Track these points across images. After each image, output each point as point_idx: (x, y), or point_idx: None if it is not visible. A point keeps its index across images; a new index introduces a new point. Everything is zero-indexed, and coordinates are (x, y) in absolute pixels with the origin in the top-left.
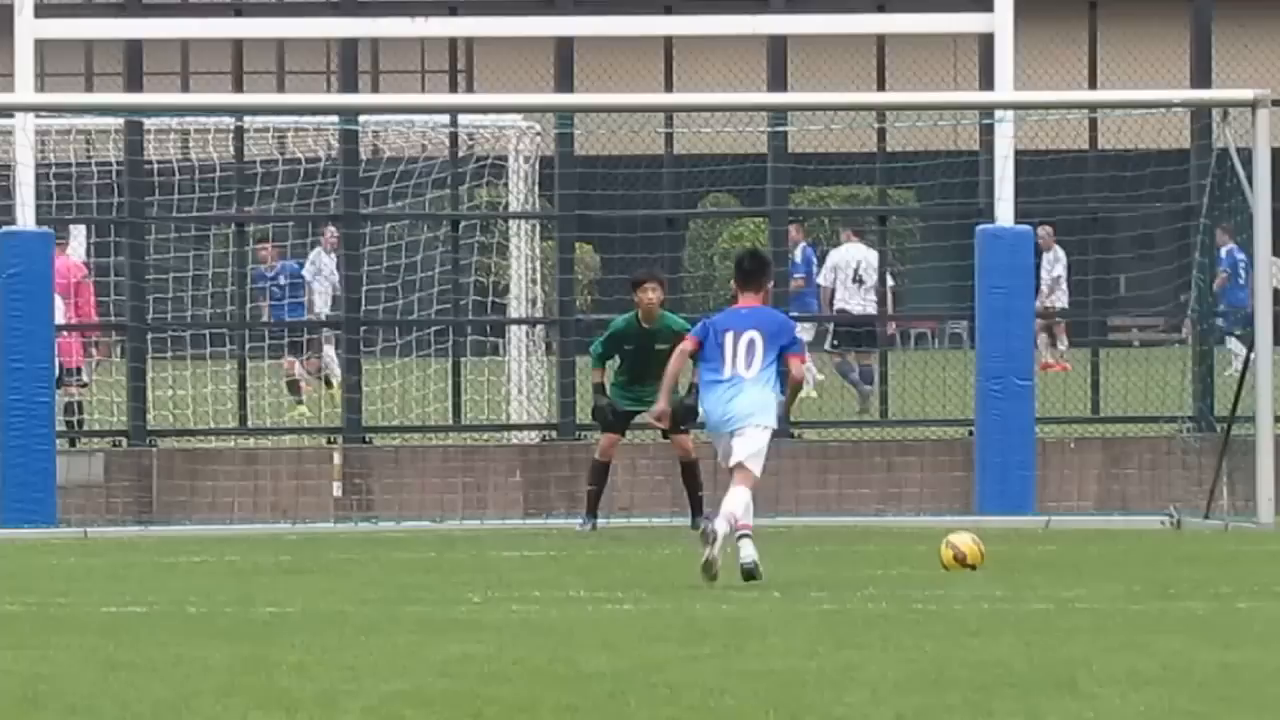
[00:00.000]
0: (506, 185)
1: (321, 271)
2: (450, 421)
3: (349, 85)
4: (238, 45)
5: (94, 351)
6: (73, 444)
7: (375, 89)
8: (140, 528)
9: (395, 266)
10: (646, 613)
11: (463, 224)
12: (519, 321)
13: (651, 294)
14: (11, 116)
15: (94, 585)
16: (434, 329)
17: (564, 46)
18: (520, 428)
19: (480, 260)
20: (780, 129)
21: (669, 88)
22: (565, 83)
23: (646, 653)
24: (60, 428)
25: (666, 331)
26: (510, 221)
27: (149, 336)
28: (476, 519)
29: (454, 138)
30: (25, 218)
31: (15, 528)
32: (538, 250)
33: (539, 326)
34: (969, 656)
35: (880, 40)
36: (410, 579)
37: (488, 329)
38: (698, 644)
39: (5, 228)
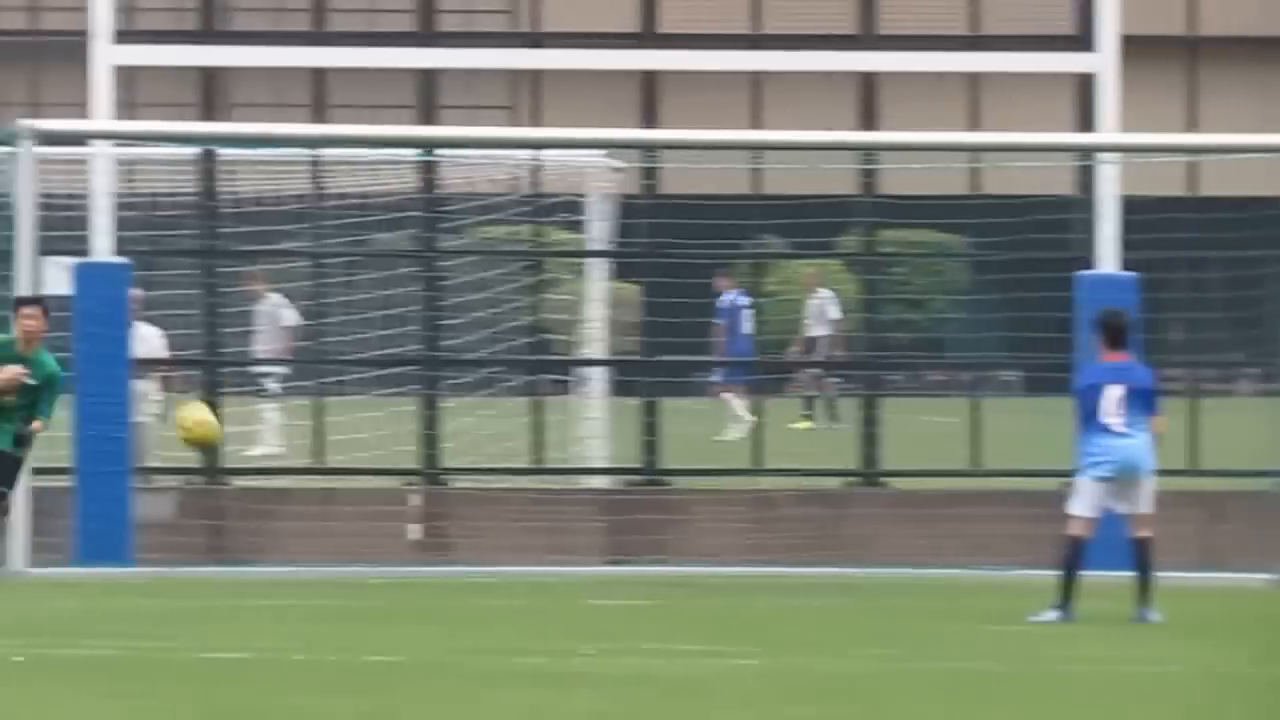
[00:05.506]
0: (583, 222)
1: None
2: (529, 464)
3: (427, 118)
4: (318, 75)
5: None
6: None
7: (470, 123)
8: (216, 568)
9: (465, 303)
10: (762, 668)
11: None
12: (603, 363)
13: (31, 321)
14: (88, 144)
15: (185, 628)
16: (511, 368)
17: (649, 81)
18: (604, 472)
19: (553, 298)
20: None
21: (756, 125)
22: (649, 118)
23: (788, 714)
24: None
25: (39, 367)
26: (587, 260)
27: (223, 371)
28: (559, 565)
29: (535, 173)
30: (101, 248)
31: (92, 566)
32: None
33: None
34: None
35: (973, 79)
36: (508, 627)
37: (557, 370)
38: (837, 703)
39: (81, 258)
